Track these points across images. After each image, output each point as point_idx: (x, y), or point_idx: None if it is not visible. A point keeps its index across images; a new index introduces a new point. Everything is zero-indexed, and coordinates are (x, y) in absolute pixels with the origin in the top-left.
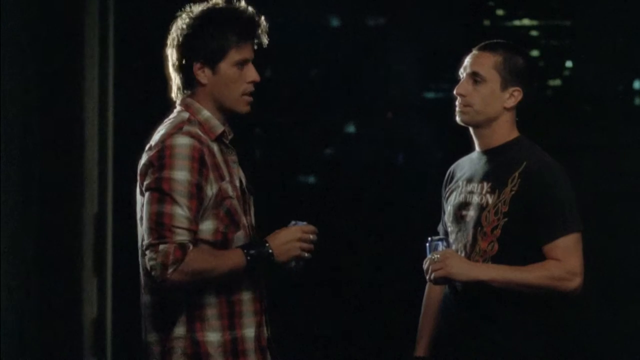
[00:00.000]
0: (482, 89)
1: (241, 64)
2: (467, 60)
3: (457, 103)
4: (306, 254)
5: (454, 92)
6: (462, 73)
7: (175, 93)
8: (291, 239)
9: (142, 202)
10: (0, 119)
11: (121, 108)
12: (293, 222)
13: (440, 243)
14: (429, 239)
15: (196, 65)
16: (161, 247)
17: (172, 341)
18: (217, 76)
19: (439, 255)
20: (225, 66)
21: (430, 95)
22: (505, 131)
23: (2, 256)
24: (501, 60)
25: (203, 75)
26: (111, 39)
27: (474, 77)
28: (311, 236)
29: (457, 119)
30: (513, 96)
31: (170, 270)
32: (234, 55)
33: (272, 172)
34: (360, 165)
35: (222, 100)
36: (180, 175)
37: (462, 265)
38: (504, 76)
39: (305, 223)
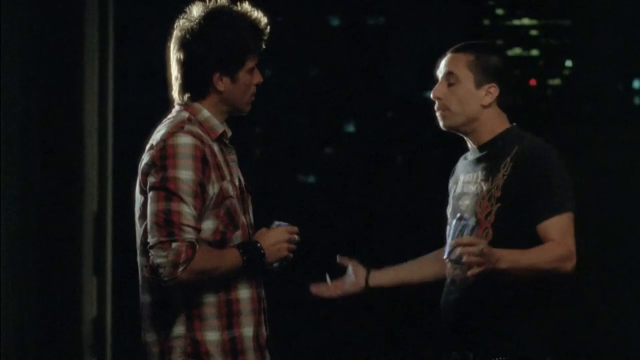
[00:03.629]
0: (457, 89)
1: (253, 69)
2: (441, 63)
3: (435, 108)
4: (291, 255)
5: (431, 95)
6: (438, 75)
7: (178, 93)
8: (281, 240)
9: (141, 201)
10: (0, 118)
11: (121, 108)
12: (277, 223)
13: (469, 227)
14: (458, 216)
15: (215, 75)
16: (173, 245)
17: (172, 340)
18: (235, 84)
19: (484, 249)
20: (243, 74)
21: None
22: (492, 126)
23: (2, 256)
24: (473, 58)
25: (221, 83)
26: (111, 39)
27: (448, 78)
28: (296, 237)
29: (441, 125)
30: (490, 93)
31: (180, 269)
32: (250, 63)
33: (272, 172)
34: (360, 165)
35: (234, 105)
36: (185, 174)
37: (496, 262)
38: (477, 74)
39: (287, 224)
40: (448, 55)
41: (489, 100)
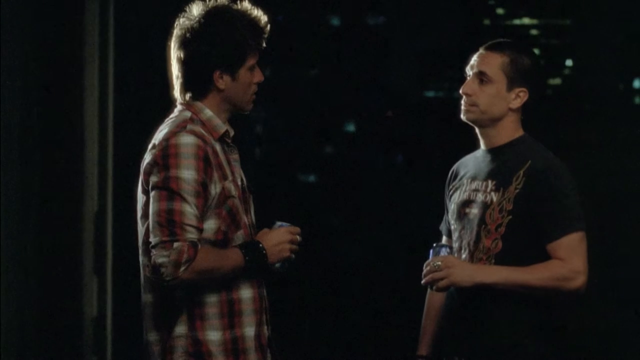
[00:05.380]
0: (488, 89)
1: (253, 67)
2: (474, 60)
3: (462, 102)
4: (293, 255)
5: (460, 91)
6: (469, 72)
7: (179, 92)
8: (283, 241)
9: (143, 200)
10: (1, 119)
11: (121, 108)
12: (279, 223)
13: (443, 249)
14: (434, 244)
15: (216, 73)
16: (175, 244)
17: (173, 340)
18: (235, 82)
19: (440, 263)
20: (243, 71)
21: (430, 94)
22: (510, 131)
23: (3, 256)
24: (508, 61)
25: (222, 82)
26: (111, 39)
27: (480, 76)
28: (297, 237)
29: (463, 117)
30: (519, 97)
31: (182, 269)
32: (250, 60)
33: (272, 172)
34: (360, 165)
35: (235, 103)
36: (187, 174)
37: (464, 272)
38: (510, 77)
39: (289, 224)
40: (482, 53)
41: (517, 104)
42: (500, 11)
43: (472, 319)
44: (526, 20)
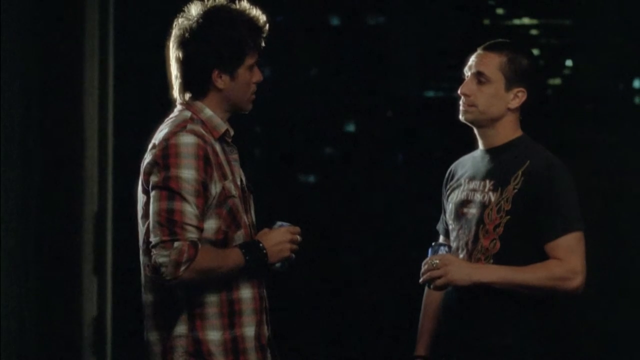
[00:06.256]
0: (486, 89)
1: (252, 66)
2: (472, 60)
3: (461, 102)
4: (293, 255)
5: (459, 91)
6: (467, 72)
7: (178, 92)
8: (283, 240)
9: (144, 200)
10: (1, 118)
11: (121, 108)
12: (279, 223)
13: (442, 248)
14: (433, 243)
15: (215, 73)
16: (176, 244)
17: (174, 340)
18: (234, 81)
19: (438, 261)
20: (242, 71)
21: (430, 94)
22: (509, 131)
23: (2, 256)
24: (506, 60)
25: (221, 81)
26: (111, 39)
27: (479, 77)
28: (298, 237)
29: (461, 117)
30: (517, 97)
31: (182, 268)
32: (249, 60)
33: (272, 171)
34: (360, 165)
35: (234, 103)
36: (187, 173)
37: (462, 271)
38: (509, 77)
39: (289, 224)
40: (480, 53)
41: (515, 104)
42: (500, 11)
43: (470, 319)
44: (526, 20)
